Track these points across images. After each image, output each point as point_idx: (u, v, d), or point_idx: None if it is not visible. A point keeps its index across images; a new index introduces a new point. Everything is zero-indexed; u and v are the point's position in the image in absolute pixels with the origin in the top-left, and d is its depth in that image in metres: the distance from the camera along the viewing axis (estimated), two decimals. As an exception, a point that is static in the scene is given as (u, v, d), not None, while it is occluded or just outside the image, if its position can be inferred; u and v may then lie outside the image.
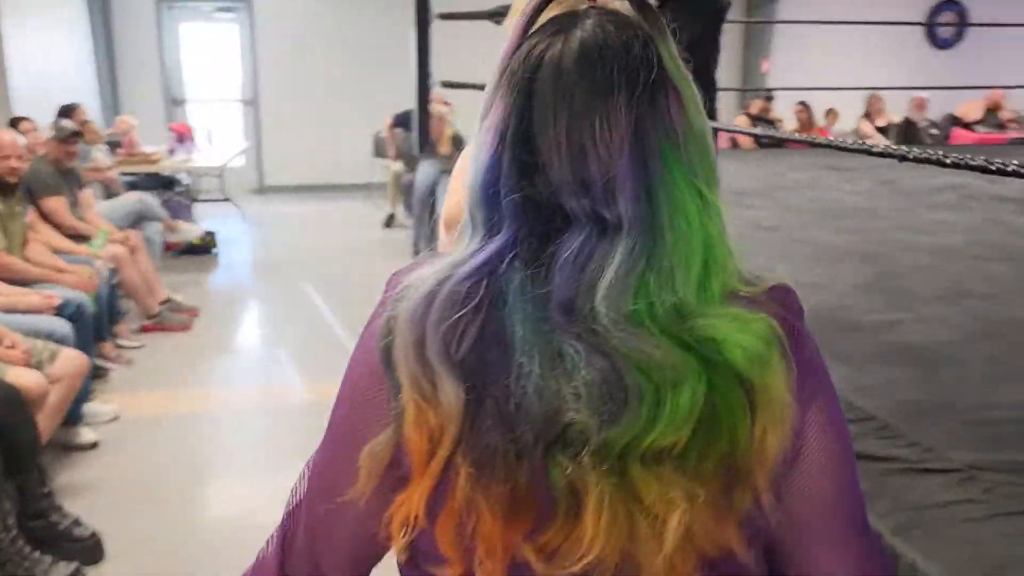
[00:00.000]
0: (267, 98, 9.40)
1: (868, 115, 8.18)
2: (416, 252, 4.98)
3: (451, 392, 0.61)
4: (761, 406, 0.61)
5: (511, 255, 0.63)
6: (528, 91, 0.64)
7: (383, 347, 0.65)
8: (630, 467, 0.60)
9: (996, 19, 8.86)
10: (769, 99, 7.88)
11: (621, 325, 0.60)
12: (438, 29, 4.34)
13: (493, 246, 0.63)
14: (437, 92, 5.20)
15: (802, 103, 7.66)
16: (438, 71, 4.98)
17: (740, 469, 0.62)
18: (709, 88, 2.97)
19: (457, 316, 0.61)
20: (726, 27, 2.41)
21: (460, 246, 0.67)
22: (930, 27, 10.13)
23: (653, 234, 0.62)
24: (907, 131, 7.76)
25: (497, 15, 4.84)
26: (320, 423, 0.74)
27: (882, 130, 8.02)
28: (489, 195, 0.64)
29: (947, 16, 10.17)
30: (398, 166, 7.46)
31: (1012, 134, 8.31)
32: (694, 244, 0.63)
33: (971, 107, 9.14)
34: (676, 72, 0.66)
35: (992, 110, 8.97)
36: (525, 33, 0.67)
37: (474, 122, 0.69)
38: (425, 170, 4.66)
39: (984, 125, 8.74)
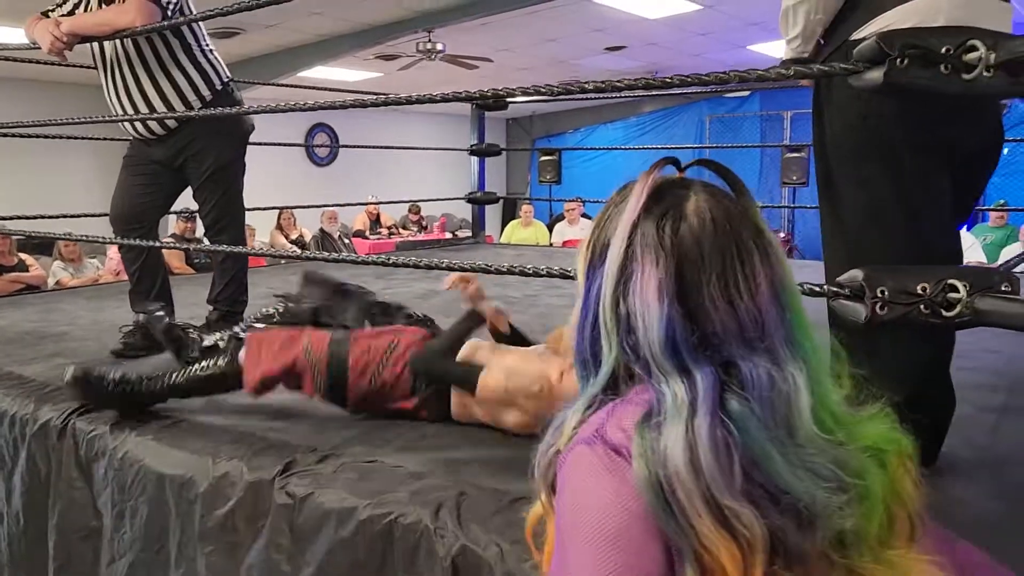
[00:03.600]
0: None
1: (280, 228, 8.74)
2: None
3: (750, 519, 0.70)
4: None
5: (719, 392, 0.74)
6: (678, 257, 0.77)
7: (654, 499, 0.71)
8: (881, 554, 0.76)
9: (359, 141, 10.31)
10: (190, 219, 7.77)
11: (828, 439, 0.75)
12: None
13: (704, 390, 0.74)
14: None
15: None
16: None
17: None
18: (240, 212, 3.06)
19: (726, 455, 0.71)
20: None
21: (634, 391, 0.78)
22: (308, 147, 11.24)
23: (808, 362, 0.77)
24: (324, 241, 8.51)
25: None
26: None
27: (296, 241, 8.64)
28: (671, 346, 0.76)
29: (321, 137, 11.46)
30: None
31: (396, 239, 9.77)
32: (825, 365, 0.80)
33: (358, 218, 10.46)
34: (766, 227, 0.81)
35: (374, 221, 10.44)
36: (639, 207, 0.79)
37: None
38: None
39: (373, 233, 10.11)
